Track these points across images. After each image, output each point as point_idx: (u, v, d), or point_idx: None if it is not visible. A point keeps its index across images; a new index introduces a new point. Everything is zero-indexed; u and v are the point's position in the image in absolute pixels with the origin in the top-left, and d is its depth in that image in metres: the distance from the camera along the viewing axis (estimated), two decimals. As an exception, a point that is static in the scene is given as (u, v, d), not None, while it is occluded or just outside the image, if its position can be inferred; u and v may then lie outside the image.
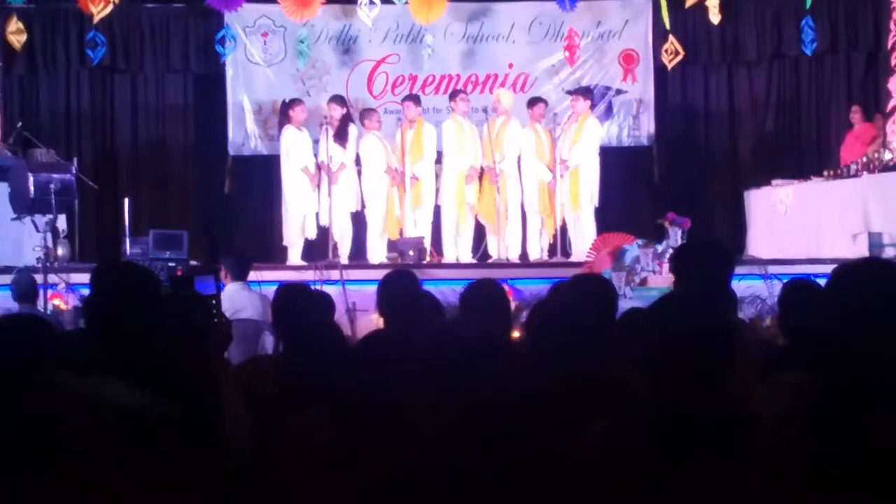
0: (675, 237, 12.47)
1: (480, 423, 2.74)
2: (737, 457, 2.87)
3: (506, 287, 5.72)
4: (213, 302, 4.65)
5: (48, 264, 11.78)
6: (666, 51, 15.50)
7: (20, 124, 14.72)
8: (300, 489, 3.34)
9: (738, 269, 11.67)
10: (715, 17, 14.86)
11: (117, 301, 3.68)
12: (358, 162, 14.22)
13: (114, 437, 2.70)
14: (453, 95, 14.58)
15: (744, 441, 2.90)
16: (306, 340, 4.39)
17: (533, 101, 14.53)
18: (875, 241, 12.77)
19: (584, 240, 13.80)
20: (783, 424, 3.07)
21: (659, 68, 16.07)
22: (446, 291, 9.90)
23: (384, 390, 3.29)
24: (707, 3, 14.70)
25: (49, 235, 12.24)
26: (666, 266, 11.09)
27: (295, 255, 14.05)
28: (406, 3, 14.71)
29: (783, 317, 4.98)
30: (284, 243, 14.28)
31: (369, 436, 3.22)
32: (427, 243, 14.04)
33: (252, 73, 16.19)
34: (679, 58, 15.54)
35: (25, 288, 9.72)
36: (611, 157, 15.26)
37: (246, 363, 5.50)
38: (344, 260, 13.65)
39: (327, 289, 10.40)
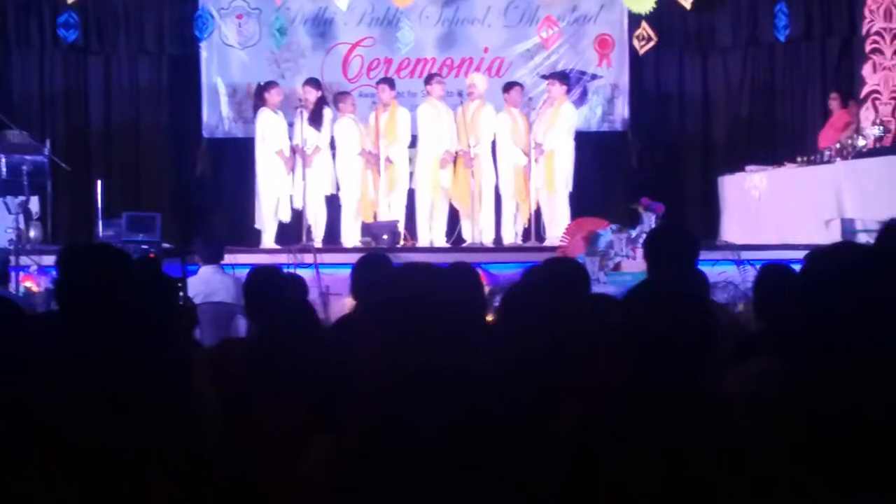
0: (649, 222, 12.47)
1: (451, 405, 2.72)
2: (712, 441, 2.87)
3: (480, 271, 5.71)
4: (179, 284, 4.64)
5: (20, 246, 11.73)
6: (638, 36, 15.52)
7: (-8, 105, 14.63)
8: (271, 470, 3.34)
9: (712, 255, 11.81)
10: (687, 2, 14.94)
11: (85, 283, 3.66)
12: (332, 145, 14.20)
13: (86, 419, 2.69)
14: (429, 79, 14.56)
15: (719, 425, 2.90)
16: (279, 322, 4.38)
17: (508, 86, 14.52)
18: (848, 227, 12.81)
19: (558, 224, 13.80)
20: (756, 408, 3.08)
21: (634, 53, 16.07)
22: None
23: (356, 373, 3.28)
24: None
25: (21, 217, 12.19)
26: (640, 251, 11.11)
27: (269, 239, 14.03)
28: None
29: (758, 301, 5.00)
30: (257, 226, 14.26)
31: (340, 418, 3.21)
32: (401, 227, 14.04)
33: (227, 55, 16.12)
34: (651, 43, 15.55)
35: (-3, 270, 9.67)
36: (585, 141, 15.26)
37: (218, 346, 5.48)
38: (318, 243, 13.65)
39: (301, 272, 10.38)
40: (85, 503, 2.42)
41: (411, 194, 14.36)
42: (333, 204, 14.30)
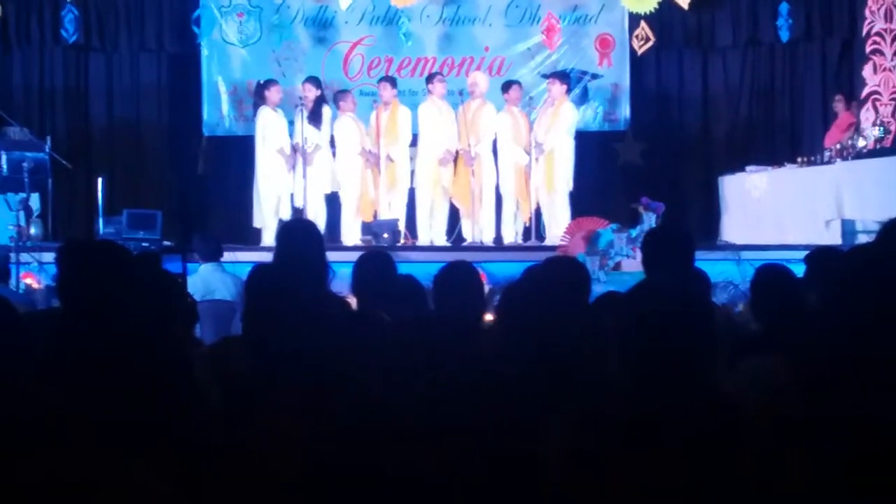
0: (650, 222, 12.49)
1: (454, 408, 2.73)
2: (715, 440, 2.87)
3: (479, 270, 5.71)
4: (179, 281, 4.64)
5: (21, 243, 11.74)
6: (636, 36, 15.55)
7: (-7, 102, 14.64)
8: (272, 467, 3.34)
9: (712, 255, 11.82)
10: (684, 2, 15.02)
11: (86, 280, 3.66)
12: (332, 143, 14.20)
13: (85, 415, 2.70)
14: (431, 78, 14.57)
15: (722, 424, 2.90)
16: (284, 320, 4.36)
17: (508, 85, 14.51)
18: (848, 227, 12.82)
19: (558, 224, 13.80)
20: (758, 406, 3.08)
21: (635, 53, 16.08)
22: (420, 274, 9.92)
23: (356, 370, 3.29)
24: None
25: (22, 214, 12.20)
26: (639, 251, 11.13)
27: (269, 237, 14.00)
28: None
29: (755, 301, 5.01)
30: (257, 225, 14.26)
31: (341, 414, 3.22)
32: (401, 226, 14.04)
33: (227, 53, 16.13)
34: (649, 44, 15.59)
35: (-3, 266, 9.67)
36: (586, 141, 15.27)
37: (218, 343, 5.48)
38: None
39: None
40: (83, 501, 2.42)
41: (412, 193, 14.37)
42: (333, 202, 14.30)
